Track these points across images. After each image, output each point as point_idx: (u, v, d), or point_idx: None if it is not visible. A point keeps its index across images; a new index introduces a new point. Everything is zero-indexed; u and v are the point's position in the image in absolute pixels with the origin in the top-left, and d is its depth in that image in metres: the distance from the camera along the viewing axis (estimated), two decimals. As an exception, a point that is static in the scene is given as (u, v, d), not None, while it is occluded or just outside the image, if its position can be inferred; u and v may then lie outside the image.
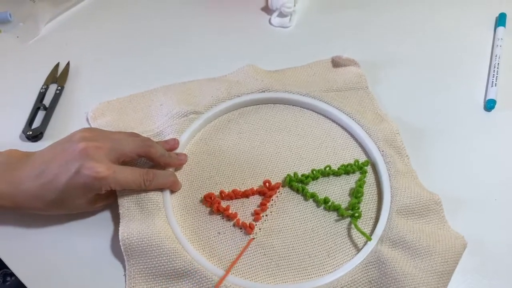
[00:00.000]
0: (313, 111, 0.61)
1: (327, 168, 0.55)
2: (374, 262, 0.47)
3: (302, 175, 0.54)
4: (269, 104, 0.62)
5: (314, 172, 0.55)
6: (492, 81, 0.65)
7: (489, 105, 0.63)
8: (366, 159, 0.56)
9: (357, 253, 0.49)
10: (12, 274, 0.49)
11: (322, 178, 0.55)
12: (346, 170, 0.55)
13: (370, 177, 0.55)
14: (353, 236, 0.51)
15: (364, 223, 0.52)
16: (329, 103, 0.60)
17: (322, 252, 0.50)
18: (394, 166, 0.54)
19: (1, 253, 0.49)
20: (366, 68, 0.65)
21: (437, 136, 0.60)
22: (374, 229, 0.50)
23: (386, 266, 0.47)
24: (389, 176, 0.54)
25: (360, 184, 0.54)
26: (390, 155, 0.55)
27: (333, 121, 0.60)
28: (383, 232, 0.49)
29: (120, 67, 0.66)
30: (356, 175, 0.55)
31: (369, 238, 0.49)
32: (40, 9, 0.71)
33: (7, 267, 0.49)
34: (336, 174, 0.55)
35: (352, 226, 0.51)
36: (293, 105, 0.61)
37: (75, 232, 0.51)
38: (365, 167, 0.55)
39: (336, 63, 0.66)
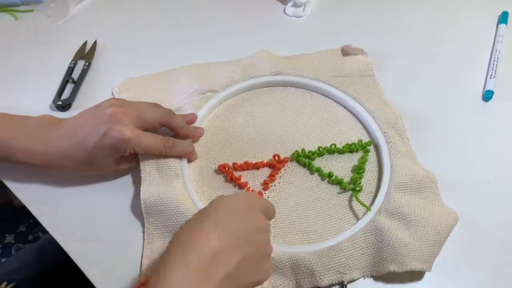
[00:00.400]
0: (322, 94, 0.65)
1: (333, 146, 0.59)
2: (372, 230, 0.52)
3: (309, 151, 0.59)
4: (281, 87, 0.66)
5: (320, 149, 0.59)
6: (491, 74, 0.69)
7: (487, 95, 0.67)
8: (369, 139, 0.61)
9: (356, 222, 0.54)
10: (44, 231, 0.54)
11: (327, 155, 0.60)
12: (350, 148, 0.59)
13: (372, 156, 0.59)
14: (354, 207, 0.55)
15: (365, 196, 0.56)
16: (337, 87, 0.64)
17: (324, 220, 0.54)
18: (395, 147, 0.58)
19: (34, 210, 0.54)
20: (373, 58, 0.69)
21: (437, 122, 0.64)
22: (374, 201, 0.55)
23: (383, 234, 0.51)
24: (390, 155, 0.58)
25: (363, 161, 0.58)
26: (392, 136, 0.59)
27: (340, 104, 0.64)
28: (382, 204, 0.54)
29: (143, 47, 0.71)
30: (359, 154, 0.60)
31: (368, 209, 0.54)
32: (70, -9, 0.76)
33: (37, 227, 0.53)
34: (340, 152, 0.60)
35: (353, 198, 0.55)
36: (303, 88, 0.66)
37: (101, 193, 0.55)
38: (368, 147, 0.60)
39: (346, 51, 0.70)
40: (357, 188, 0.56)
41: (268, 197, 0.56)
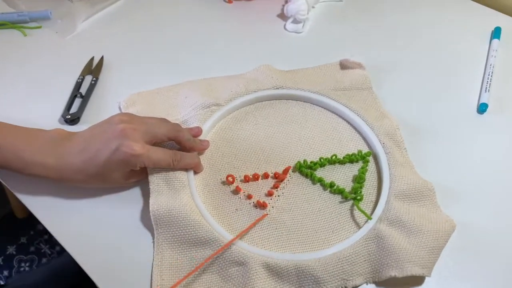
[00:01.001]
0: (322, 107, 0.67)
1: (334, 157, 0.62)
2: (373, 238, 0.54)
3: (311, 162, 0.61)
4: (282, 100, 0.68)
5: (322, 160, 0.61)
6: (486, 87, 0.72)
7: (482, 108, 0.69)
8: (369, 150, 0.63)
9: (358, 230, 0.56)
10: (46, 242, 0.55)
11: (328, 166, 0.62)
12: (350, 159, 0.62)
13: (371, 166, 0.62)
14: (355, 216, 0.57)
15: (365, 205, 0.58)
16: (336, 100, 0.67)
17: (327, 229, 0.56)
18: (393, 157, 0.61)
19: (46, 222, 0.56)
20: (371, 71, 0.72)
21: (434, 133, 0.67)
22: (374, 210, 0.57)
23: (383, 241, 0.53)
24: (389, 165, 0.60)
25: (363, 171, 0.60)
26: (390, 147, 0.61)
27: (340, 116, 0.67)
28: (382, 212, 0.56)
29: (149, 62, 0.73)
30: (359, 164, 0.62)
31: (369, 217, 0.56)
32: (77, 8, 0.78)
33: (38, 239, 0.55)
34: (341, 162, 0.62)
35: (355, 207, 0.58)
36: (304, 101, 0.68)
37: (111, 204, 0.57)
38: (368, 157, 0.62)
39: (344, 65, 0.73)
40: (358, 197, 0.58)
41: (272, 207, 0.58)
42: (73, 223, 0.56)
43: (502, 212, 0.60)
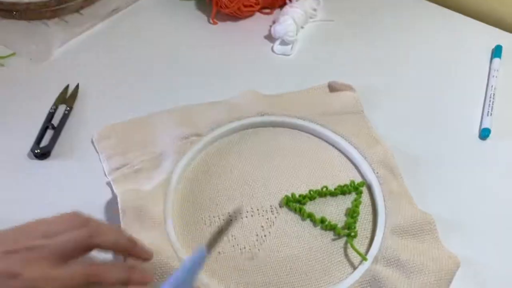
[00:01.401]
0: (310, 134, 0.63)
1: (324, 189, 0.57)
2: (369, 281, 0.49)
3: (300, 195, 0.56)
4: (268, 127, 0.64)
5: (311, 192, 0.56)
6: (488, 111, 0.67)
7: (484, 133, 0.65)
8: (362, 180, 0.58)
9: (353, 271, 0.50)
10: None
11: (319, 199, 0.57)
12: (342, 190, 0.57)
13: (365, 198, 0.57)
14: (349, 254, 0.52)
15: (360, 242, 0.53)
16: (325, 126, 0.62)
17: (319, 270, 0.51)
18: (389, 187, 0.56)
19: None
20: (364, 94, 0.67)
21: (433, 161, 0.62)
22: (369, 248, 0.52)
23: (381, 285, 0.48)
24: (383, 197, 0.55)
25: (356, 204, 0.55)
26: (384, 176, 0.57)
27: (330, 143, 0.62)
28: (378, 251, 0.51)
29: (127, 91, 0.69)
30: (352, 196, 0.57)
31: (365, 258, 0.51)
32: (53, 33, 0.75)
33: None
34: (332, 194, 0.57)
35: (348, 245, 0.52)
36: (291, 128, 0.64)
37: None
38: (361, 188, 0.57)
39: (333, 87, 0.68)
40: (352, 234, 0.53)
41: (259, 250, 0.52)
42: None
43: (509, 245, 0.55)
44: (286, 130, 0.64)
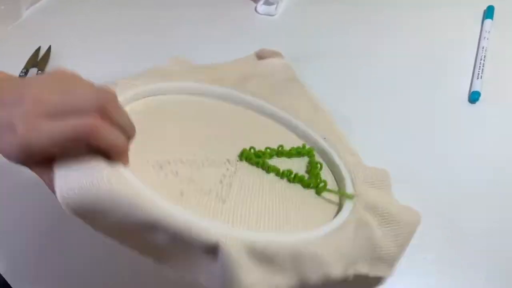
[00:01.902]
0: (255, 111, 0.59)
1: (280, 148, 0.53)
2: (354, 222, 0.46)
3: (259, 151, 0.53)
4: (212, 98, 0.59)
5: (268, 150, 0.53)
6: (478, 73, 0.65)
7: (474, 97, 0.63)
8: (312, 146, 0.56)
9: (335, 215, 0.47)
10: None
11: (276, 158, 0.54)
12: (297, 151, 0.54)
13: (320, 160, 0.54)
14: (326, 203, 0.49)
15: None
16: (265, 99, 0.58)
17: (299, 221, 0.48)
18: (340, 151, 0.54)
19: None
20: (351, 56, 0.65)
21: (422, 125, 0.61)
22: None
23: (365, 228, 0.45)
24: (339, 156, 0.53)
25: (316, 161, 0.53)
26: (334, 140, 0.55)
27: (274, 119, 0.58)
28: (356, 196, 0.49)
29: (101, 53, 0.67)
30: (306, 159, 0.54)
31: (350, 196, 0.48)
32: (23, -7, 0.71)
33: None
34: (288, 155, 0.54)
35: (323, 194, 0.49)
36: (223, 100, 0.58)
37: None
38: (313, 151, 0.54)
39: (260, 56, 0.64)
40: (321, 185, 0.49)
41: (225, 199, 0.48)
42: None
43: (499, 208, 0.54)
44: (220, 103, 0.58)
